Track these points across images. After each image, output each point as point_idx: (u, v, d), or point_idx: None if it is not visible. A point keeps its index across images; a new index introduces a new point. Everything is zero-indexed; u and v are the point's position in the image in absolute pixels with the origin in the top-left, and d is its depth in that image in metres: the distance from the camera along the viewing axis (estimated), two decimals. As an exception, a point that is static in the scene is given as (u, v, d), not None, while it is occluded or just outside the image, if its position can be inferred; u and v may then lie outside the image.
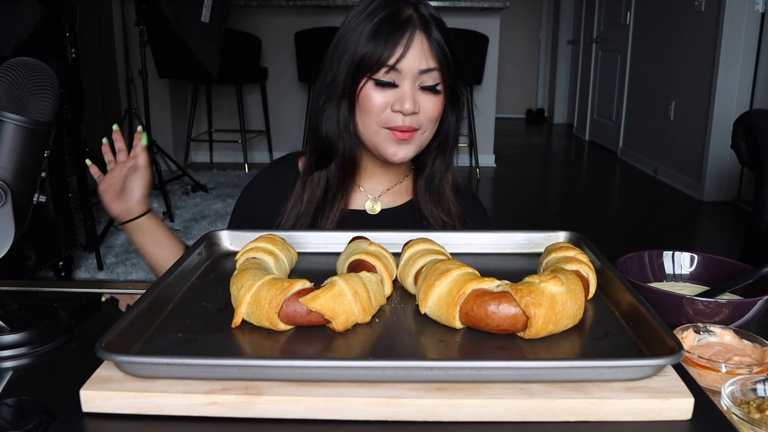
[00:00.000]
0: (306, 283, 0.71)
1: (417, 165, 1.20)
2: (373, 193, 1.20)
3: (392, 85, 1.04)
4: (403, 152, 1.08)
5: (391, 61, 1.02)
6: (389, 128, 1.07)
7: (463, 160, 5.77)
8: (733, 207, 4.53)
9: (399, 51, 1.02)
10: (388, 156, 1.09)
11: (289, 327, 0.69)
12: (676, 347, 0.60)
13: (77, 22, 3.15)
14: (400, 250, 0.85)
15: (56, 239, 2.86)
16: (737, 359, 0.78)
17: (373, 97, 1.05)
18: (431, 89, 1.06)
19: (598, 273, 0.79)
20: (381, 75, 1.04)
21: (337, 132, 1.10)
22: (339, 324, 0.68)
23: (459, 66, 1.09)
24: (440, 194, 1.18)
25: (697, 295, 0.91)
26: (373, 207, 1.19)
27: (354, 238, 0.89)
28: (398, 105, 1.04)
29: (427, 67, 1.04)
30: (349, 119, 1.08)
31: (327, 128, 1.10)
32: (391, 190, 1.21)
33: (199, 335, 0.68)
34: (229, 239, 0.96)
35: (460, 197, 1.23)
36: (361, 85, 1.05)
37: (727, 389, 0.69)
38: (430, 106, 1.07)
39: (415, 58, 1.03)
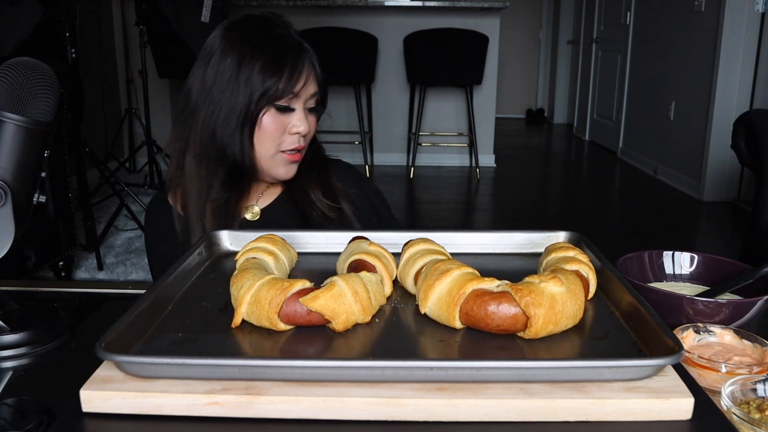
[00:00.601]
0: (306, 283, 0.71)
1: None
2: (248, 203, 1.23)
3: (291, 110, 1.14)
4: (293, 171, 1.18)
5: (296, 89, 1.12)
6: (283, 151, 1.15)
7: (463, 160, 5.78)
8: (733, 207, 4.53)
9: (302, 79, 1.12)
10: (279, 176, 1.18)
11: (289, 327, 0.69)
12: (676, 347, 0.60)
13: (77, 22, 3.15)
14: (400, 250, 0.85)
15: (56, 239, 2.85)
16: (737, 359, 0.78)
17: (273, 122, 1.13)
18: (316, 110, 1.18)
19: (598, 273, 0.79)
20: (283, 102, 1.12)
21: (241, 156, 1.14)
22: (339, 324, 0.68)
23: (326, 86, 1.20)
24: (324, 185, 1.24)
25: (697, 295, 0.91)
26: (253, 214, 1.22)
27: (354, 238, 0.89)
28: (295, 128, 1.14)
29: (315, 90, 1.16)
30: (248, 145, 1.14)
31: (234, 152, 1.14)
32: (266, 192, 1.26)
33: (199, 335, 0.68)
34: (229, 239, 0.96)
35: (336, 171, 1.29)
36: (262, 112, 1.12)
37: (727, 389, 0.69)
38: (313, 125, 1.19)
39: (310, 84, 1.14)
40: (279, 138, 1.14)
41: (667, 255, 1.04)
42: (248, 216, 1.21)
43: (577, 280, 0.71)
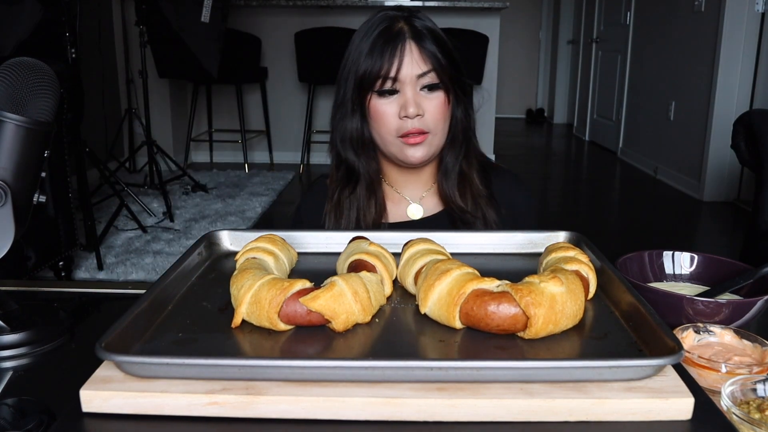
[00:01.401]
0: (306, 283, 0.71)
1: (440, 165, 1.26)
2: (414, 198, 1.26)
3: (394, 92, 1.13)
4: (419, 153, 1.15)
5: (390, 73, 1.11)
6: (401, 136, 1.14)
7: (463, 160, 5.77)
8: (733, 207, 4.53)
9: (394, 62, 1.11)
10: (406, 159, 1.16)
11: (289, 327, 0.69)
12: (676, 347, 0.60)
13: (77, 22, 3.14)
14: (400, 250, 0.85)
15: (56, 239, 2.85)
16: (737, 359, 0.78)
17: (381, 107, 1.14)
18: (431, 88, 1.14)
19: (598, 273, 0.79)
20: (382, 86, 1.12)
21: (356, 151, 1.19)
22: (339, 324, 0.68)
23: (457, 65, 1.17)
24: (461, 181, 1.23)
25: (697, 295, 0.91)
26: (414, 212, 1.25)
27: (354, 238, 0.89)
28: (403, 111, 1.12)
29: (423, 71, 1.13)
30: (363, 133, 1.18)
31: (346, 148, 1.19)
32: (430, 192, 1.26)
33: (199, 335, 0.68)
34: (229, 239, 0.96)
35: (496, 177, 1.28)
36: (368, 99, 1.14)
37: (727, 389, 0.69)
38: (433, 106, 1.14)
39: (409, 65, 1.12)
40: (392, 124, 1.14)
41: (667, 255, 1.04)
42: (410, 210, 1.24)
43: (577, 280, 0.71)
